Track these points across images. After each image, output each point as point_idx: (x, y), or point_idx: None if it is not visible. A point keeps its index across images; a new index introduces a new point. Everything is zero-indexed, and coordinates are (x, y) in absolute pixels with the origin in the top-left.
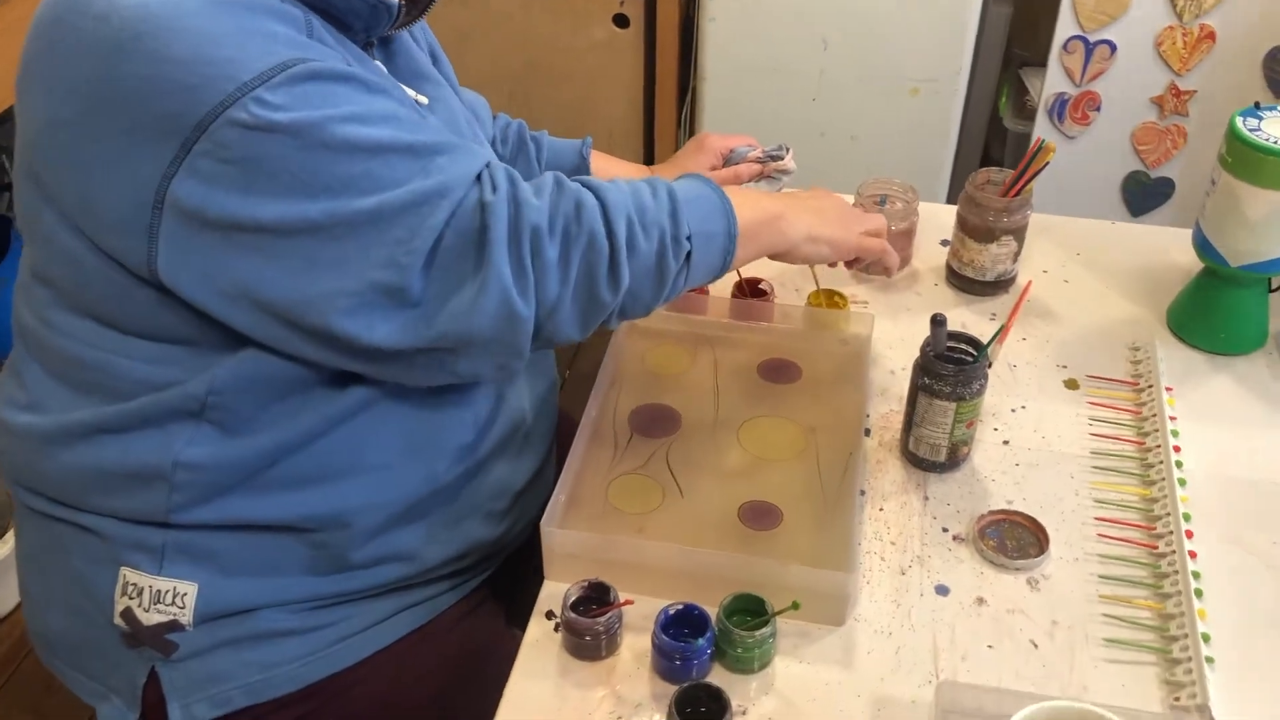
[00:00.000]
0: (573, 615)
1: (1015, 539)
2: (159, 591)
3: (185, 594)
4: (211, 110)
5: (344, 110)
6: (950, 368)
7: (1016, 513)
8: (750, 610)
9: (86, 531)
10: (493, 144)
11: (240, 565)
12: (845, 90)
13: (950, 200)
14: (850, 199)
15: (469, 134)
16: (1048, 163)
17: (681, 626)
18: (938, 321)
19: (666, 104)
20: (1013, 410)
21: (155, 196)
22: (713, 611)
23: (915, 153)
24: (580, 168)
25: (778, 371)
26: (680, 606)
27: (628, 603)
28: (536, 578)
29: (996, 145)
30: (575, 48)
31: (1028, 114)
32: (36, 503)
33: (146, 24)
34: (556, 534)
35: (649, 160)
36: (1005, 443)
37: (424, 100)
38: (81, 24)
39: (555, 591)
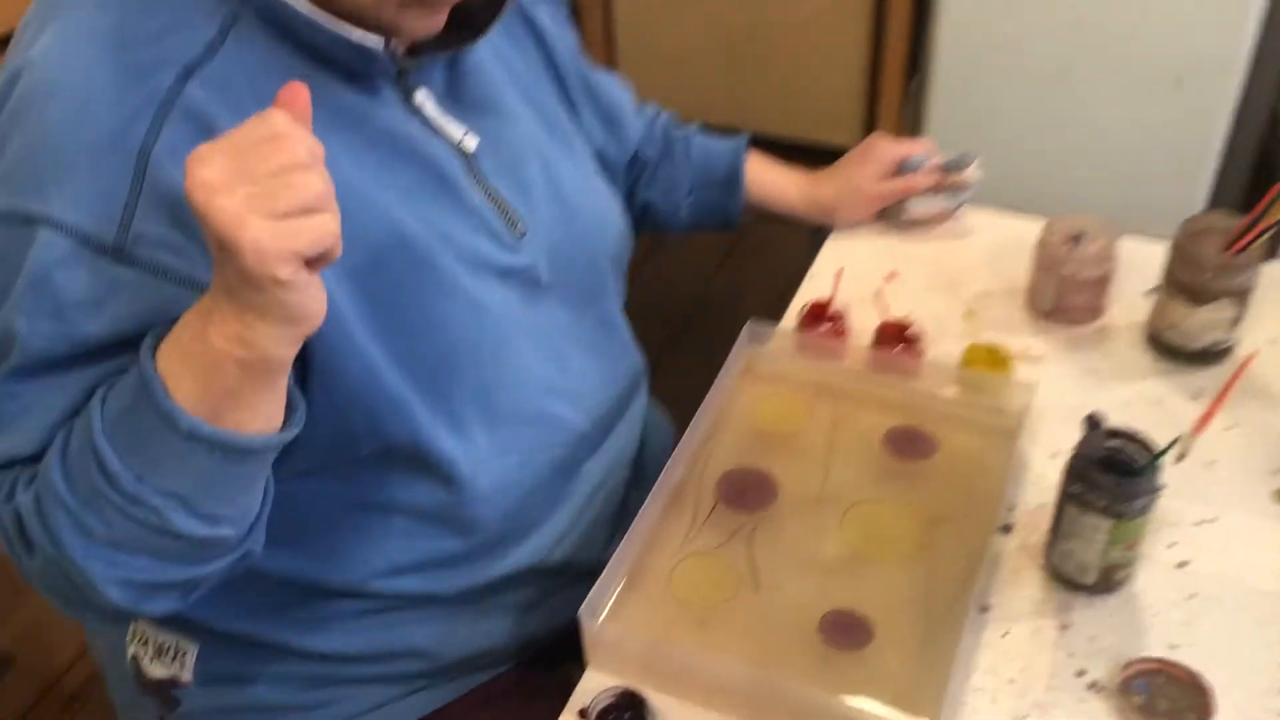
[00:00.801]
0: None
1: (1170, 699)
2: (162, 645)
3: (186, 653)
4: None
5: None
6: (1108, 479)
7: (1176, 664)
8: None
9: None
10: (637, 147)
11: (238, 639)
12: (1096, 77)
13: (1215, 205)
14: (1037, 232)
15: (528, 176)
16: None
17: None
18: (1093, 423)
19: (892, 80)
20: (1198, 523)
21: None
22: None
23: (1175, 152)
24: (733, 173)
25: (907, 443)
26: None
27: None
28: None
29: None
30: (798, 13)
31: None
32: None
33: (24, 100)
34: (599, 628)
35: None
36: (1181, 565)
37: (470, 147)
38: (6, 71)
39: (597, 685)
